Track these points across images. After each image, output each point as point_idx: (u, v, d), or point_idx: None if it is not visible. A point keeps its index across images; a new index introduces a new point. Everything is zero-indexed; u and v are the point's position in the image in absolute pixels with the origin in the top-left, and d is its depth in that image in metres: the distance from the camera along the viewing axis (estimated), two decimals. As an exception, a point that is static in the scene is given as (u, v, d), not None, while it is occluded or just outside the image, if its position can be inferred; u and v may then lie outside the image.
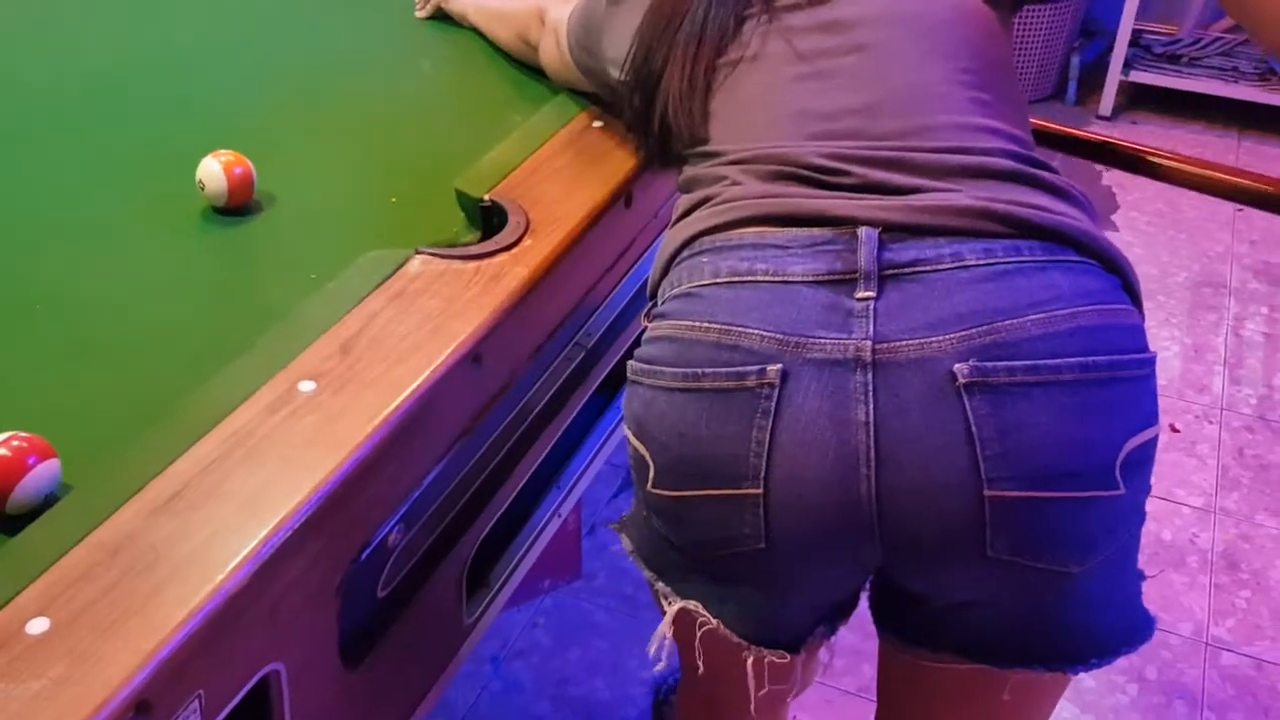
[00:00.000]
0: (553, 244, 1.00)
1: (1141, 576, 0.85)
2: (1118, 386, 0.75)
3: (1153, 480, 0.86)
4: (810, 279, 0.77)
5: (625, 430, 0.84)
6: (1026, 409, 0.72)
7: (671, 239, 0.87)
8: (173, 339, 0.94)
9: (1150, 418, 0.77)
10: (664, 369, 0.80)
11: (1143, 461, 0.77)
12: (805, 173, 0.82)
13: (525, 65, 1.35)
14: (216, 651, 0.68)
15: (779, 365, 0.75)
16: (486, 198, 1.05)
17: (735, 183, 0.84)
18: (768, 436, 0.75)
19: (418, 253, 0.97)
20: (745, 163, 0.85)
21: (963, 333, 0.73)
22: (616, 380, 1.34)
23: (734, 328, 0.77)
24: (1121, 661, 1.64)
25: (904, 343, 0.74)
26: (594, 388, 1.23)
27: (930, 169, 0.80)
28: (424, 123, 1.28)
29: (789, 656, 0.86)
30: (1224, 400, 2.21)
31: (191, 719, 0.67)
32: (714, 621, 0.84)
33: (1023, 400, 0.72)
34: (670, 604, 0.87)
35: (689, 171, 0.92)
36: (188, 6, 1.53)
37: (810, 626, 0.88)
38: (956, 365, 0.72)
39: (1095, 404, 0.74)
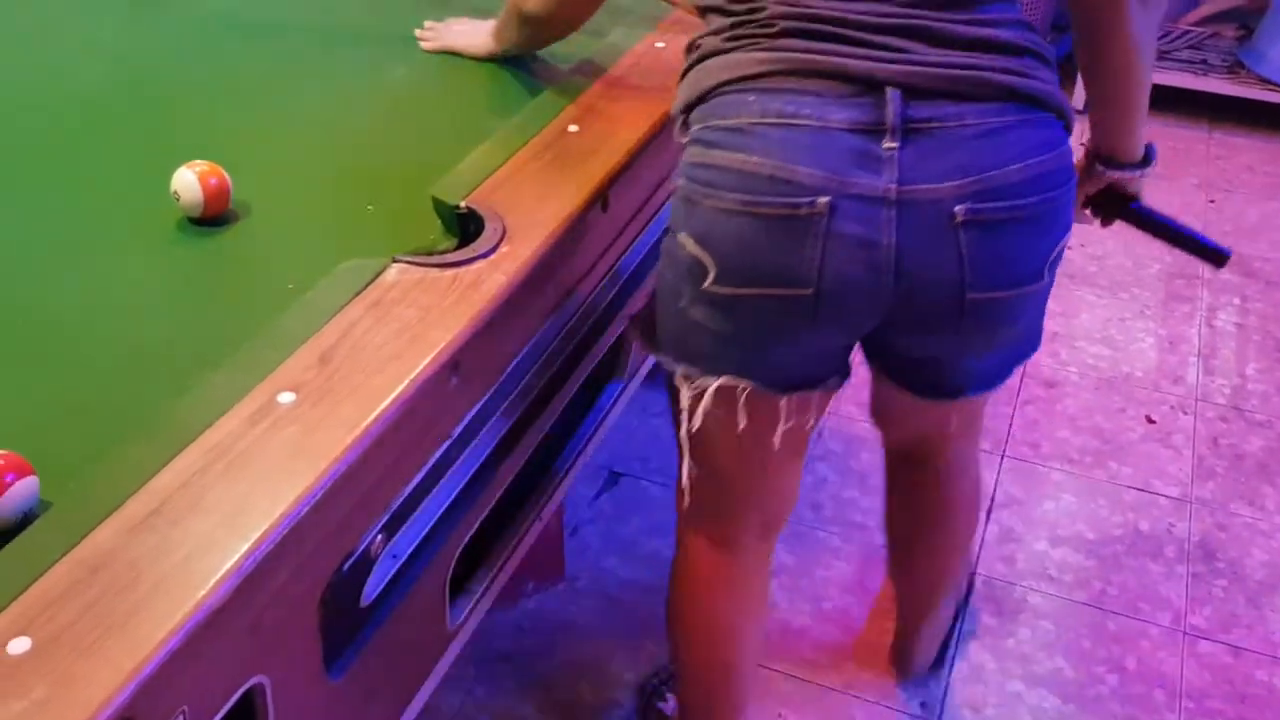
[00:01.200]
0: (530, 250, 1.00)
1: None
2: (1058, 209, 1.02)
3: (1130, 470, 1.58)
4: (847, 126, 0.95)
5: (681, 238, 1.02)
6: (1000, 238, 0.99)
7: (711, 72, 1.01)
8: (150, 351, 0.94)
9: (1069, 224, 1.05)
10: (724, 193, 0.98)
11: (1060, 257, 1.05)
12: (845, 32, 0.98)
13: (500, 71, 1.35)
14: (200, 667, 0.68)
15: (827, 198, 0.95)
16: (463, 204, 1.05)
17: (783, 35, 0.99)
18: (818, 253, 0.97)
19: (395, 261, 0.97)
20: (791, 19, 0.99)
21: (962, 181, 0.96)
22: (596, 381, 1.35)
23: (787, 166, 0.95)
24: (1101, 652, 1.68)
25: (919, 187, 0.96)
26: (574, 390, 1.24)
27: (946, 39, 0.98)
28: (399, 129, 1.28)
29: (814, 392, 1.11)
30: (1198, 391, 2.23)
31: (176, 735, 0.67)
32: (751, 384, 1.06)
33: (999, 232, 0.99)
34: (695, 385, 1.08)
35: (728, 16, 1.03)
36: (158, 18, 1.53)
37: (825, 376, 1.11)
38: (956, 207, 0.96)
39: (1044, 228, 1.02)
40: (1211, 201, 2.84)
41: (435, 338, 0.89)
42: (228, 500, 0.73)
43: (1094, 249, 2.64)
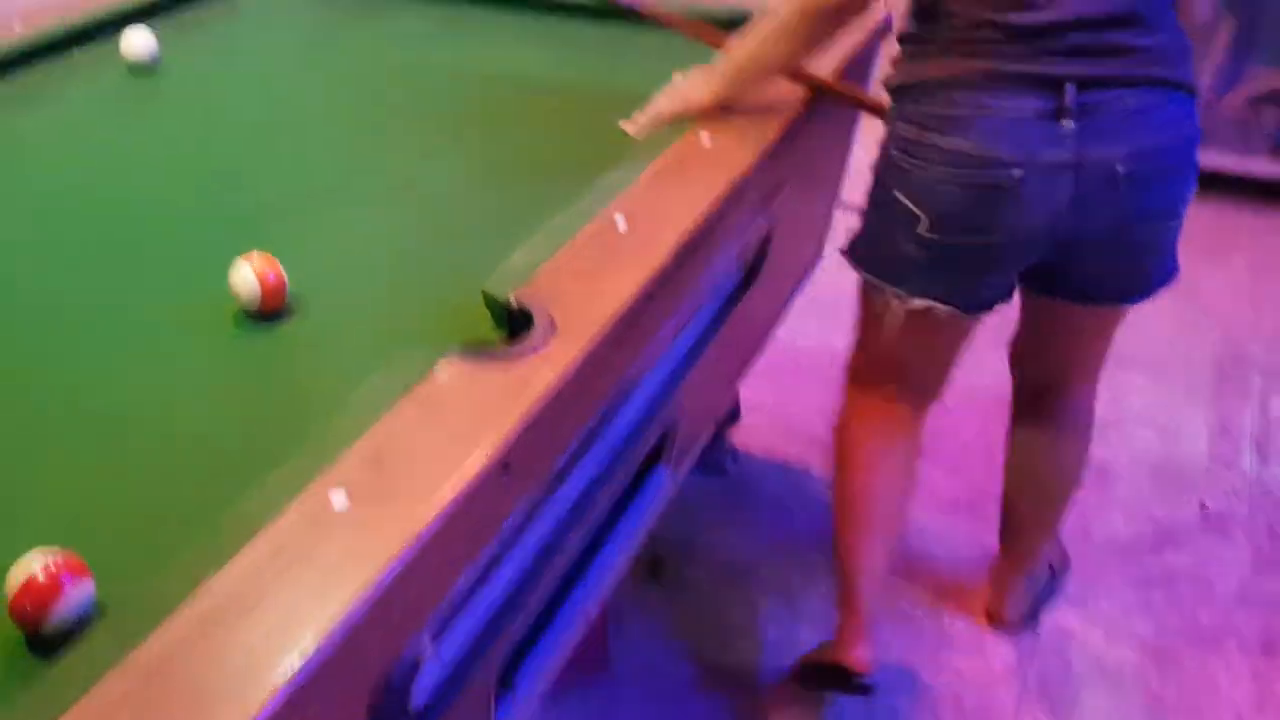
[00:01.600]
0: (579, 346, 1.00)
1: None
2: (1189, 163, 1.36)
3: (1186, 560, 1.95)
4: (1034, 114, 1.27)
5: (896, 194, 1.35)
6: (1149, 187, 1.32)
7: (921, 68, 1.33)
8: (205, 448, 0.95)
9: (1197, 170, 1.37)
10: (938, 166, 1.31)
11: (1188, 199, 1.39)
12: (1034, 45, 1.27)
13: (547, 163, 1.37)
14: (251, 778, 0.67)
15: (1021, 171, 1.28)
16: (513, 300, 1.06)
17: (984, 48, 1.28)
18: (1012, 212, 1.30)
19: (446, 357, 0.98)
20: (992, 41, 1.28)
21: (1123, 149, 1.29)
22: (640, 476, 1.34)
23: (991, 148, 1.28)
24: (1163, 754, 1.61)
25: (1092, 155, 1.28)
26: (622, 486, 1.23)
27: (1114, 47, 1.27)
28: (449, 223, 1.30)
29: (990, 311, 1.45)
30: (1254, 478, 2.18)
31: (225, 847, 0.66)
32: (950, 308, 1.40)
33: (1150, 184, 1.32)
34: (903, 301, 1.41)
35: (940, 27, 1.31)
36: (212, 112, 1.57)
37: (998, 299, 1.45)
38: (1119, 167, 1.29)
39: (1181, 176, 1.36)
40: (1259, 284, 2.81)
41: (487, 437, 0.89)
42: (283, 605, 0.73)
43: (1140, 328, 2.62)
